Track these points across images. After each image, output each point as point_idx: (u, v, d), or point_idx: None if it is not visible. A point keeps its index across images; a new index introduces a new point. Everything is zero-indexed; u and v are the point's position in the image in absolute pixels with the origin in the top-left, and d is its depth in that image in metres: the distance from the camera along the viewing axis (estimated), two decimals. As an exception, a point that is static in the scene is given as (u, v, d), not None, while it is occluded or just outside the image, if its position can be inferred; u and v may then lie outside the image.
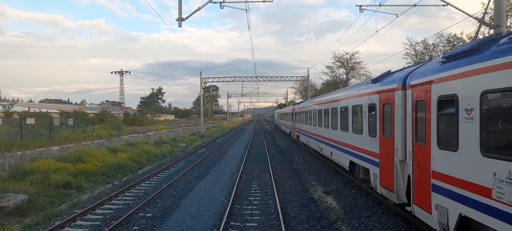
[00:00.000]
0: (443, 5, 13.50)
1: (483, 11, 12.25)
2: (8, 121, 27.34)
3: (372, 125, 10.19)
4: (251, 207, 11.06)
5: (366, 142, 10.69)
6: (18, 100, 64.21)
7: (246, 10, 17.75)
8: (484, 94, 5.23)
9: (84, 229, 9.06)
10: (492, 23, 11.59)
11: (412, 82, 7.72)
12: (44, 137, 19.36)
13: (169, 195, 12.54)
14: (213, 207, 11.03)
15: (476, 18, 12.70)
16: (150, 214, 10.21)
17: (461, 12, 13.62)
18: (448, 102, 6.21)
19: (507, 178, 4.64)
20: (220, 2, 16.18)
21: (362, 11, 16.51)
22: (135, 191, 13.48)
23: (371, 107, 10.27)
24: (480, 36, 25.40)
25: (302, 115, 27.07)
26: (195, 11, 16.52)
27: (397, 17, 16.78)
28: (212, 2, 15.92)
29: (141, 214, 10.29)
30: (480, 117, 5.29)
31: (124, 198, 12.38)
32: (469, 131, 5.54)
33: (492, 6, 11.99)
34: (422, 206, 7.09)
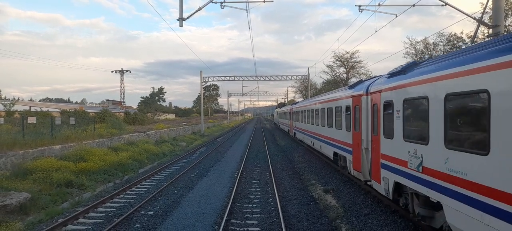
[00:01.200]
0: (442, 5, 13.59)
1: (482, 11, 12.31)
2: (9, 120, 27.44)
3: (348, 122, 12.79)
4: (251, 205, 11.18)
5: (344, 135, 13.33)
6: (18, 99, 64.22)
7: (247, 10, 17.85)
8: (404, 101, 7.95)
9: (86, 227, 9.17)
10: (491, 23, 11.67)
11: (371, 90, 10.40)
12: (45, 135, 19.47)
13: (170, 194, 12.65)
14: (214, 205, 11.15)
15: (474, 18, 12.78)
16: (152, 212, 10.33)
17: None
18: (389, 105, 8.84)
19: (413, 153, 7.43)
20: (221, 2, 16.28)
21: (361, 11, 16.62)
22: (137, 189, 13.59)
23: (347, 108, 12.84)
24: (480, 35, 25.49)
25: (298, 114, 30.07)
26: (196, 11, 16.62)
27: (396, 17, 16.87)
28: (212, 2, 16.03)
29: (142, 212, 10.41)
30: (403, 115, 8.04)
31: (125, 196, 12.49)
32: (398, 125, 8.24)
33: (491, 6, 12.06)
34: (376, 179, 9.86)
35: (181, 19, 15.78)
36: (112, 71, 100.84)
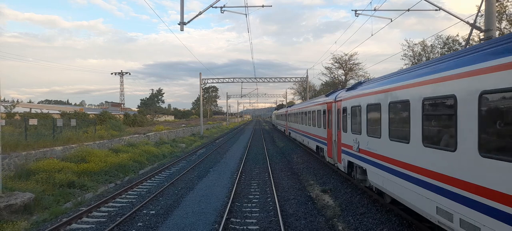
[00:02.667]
0: (436, 10, 13.90)
1: (475, 15, 12.65)
2: (10, 122, 27.64)
3: (324, 122, 17.05)
4: (250, 204, 11.44)
5: (322, 132, 17.69)
6: (17, 101, 64.28)
7: (246, 14, 18.16)
8: (351, 107, 11.99)
9: (90, 226, 9.42)
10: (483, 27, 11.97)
11: (337, 99, 14.50)
12: (47, 137, 19.72)
13: (171, 194, 12.91)
14: (214, 204, 11.41)
15: (467, 22, 13.11)
16: (154, 211, 10.59)
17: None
18: (345, 110, 12.94)
19: (355, 141, 11.43)
20: (221, 7, 16.61)
21: (357, 16, 16.97)
22: (138, 189, 13.84)
23: (324, 112, 17.13)
24: (476, 38, 25.82)
25: (291, 116, 35.24)
26: (197, 16, 16.88)
27: (391, 21, 17.18)
28: (213, 7, 16.33)
29: (144, 211, 10.66)
30: (351, 117, 12.07)
31: (127, 196, 12.74)
32: (349, 123, 12.31)
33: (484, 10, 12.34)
34: (339, 161, 14.06)
35: (182, 24, 16.06)
36: (112, 73, 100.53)
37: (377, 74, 14.76)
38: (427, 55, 40.60)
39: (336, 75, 61.12)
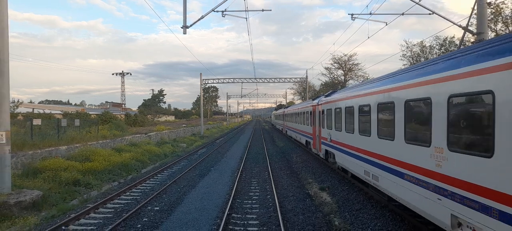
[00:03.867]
0: (429, 13, 14.31)
1: (469, 17, 13.07)
2: (13, 122, 28.00)
3: (311, 121, 21.46)
4: (251, 201, 11.86)
5: (309, 129, 22.08)
6: (18, 101, 64.62)
7: (246, 18, 18.61)
8: (327, 109, 16.04)
9: (98, 221, 9.84)
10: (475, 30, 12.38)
11: (318, 103, 18.70)
12: (52, 137, 20.15)
13: (174, 191, 13.34)
14: (216, 201, 11.84)
15: (460, 26, 13.54)
16: (158, 208, 11.02)
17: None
18: (323, 111, 17.16)
19: (328, 134, 15.74)
20: (222, 11, 17.07)
21: (354, 20, 17.41)
22: (142, 187, 14.27)
23: (310, 112, 21.56)
24: (472, 39, 26.22)
25: (288, 116, 40.55)
26: (199, 20, 17.36)
27: (386, 25, 17.62)
28: (215, 11, 16.79)
29: (149, 207, 11.09)
30: (326, 117, 16.32)
31: (132, 194, 13.17)
32: (325, 121, 16.52)
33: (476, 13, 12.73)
34: (320, 151, 18.36)
35: (185, 27, 16.53)
36: (113, 74, 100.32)
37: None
38: (425, 55, 41.02)
39: (335, 76, 61.60)
